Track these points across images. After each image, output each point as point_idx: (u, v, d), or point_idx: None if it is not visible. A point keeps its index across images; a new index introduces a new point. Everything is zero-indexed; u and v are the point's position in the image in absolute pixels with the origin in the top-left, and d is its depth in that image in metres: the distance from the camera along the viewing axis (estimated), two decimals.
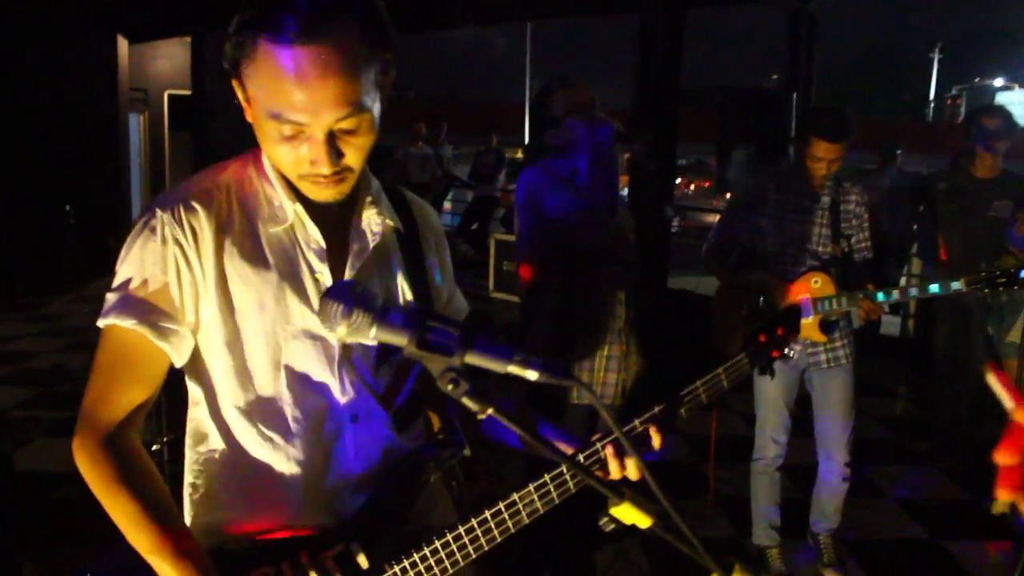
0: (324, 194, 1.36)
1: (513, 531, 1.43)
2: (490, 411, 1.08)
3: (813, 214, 3.54)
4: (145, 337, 1.34)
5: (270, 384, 1.41)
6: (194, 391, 1.47)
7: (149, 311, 1.34)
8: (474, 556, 1.43)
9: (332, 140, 1.28)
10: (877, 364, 6.95)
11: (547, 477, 1.44)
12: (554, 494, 1.44)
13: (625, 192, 7.36)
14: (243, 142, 1.49)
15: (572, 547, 3.23)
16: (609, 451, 1.47)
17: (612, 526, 1.24)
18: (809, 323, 3.47)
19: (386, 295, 1.48)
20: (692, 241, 11.26)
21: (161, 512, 1.33)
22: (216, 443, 1.45)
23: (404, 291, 1.52)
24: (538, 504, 1.43)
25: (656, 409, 1.53)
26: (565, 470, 1.44)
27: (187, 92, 13.55)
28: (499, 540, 1.43)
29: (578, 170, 2.97)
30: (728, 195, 6.23)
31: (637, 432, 1.51)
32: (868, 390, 5.77)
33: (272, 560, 1.37)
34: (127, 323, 1.33)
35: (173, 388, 1.50)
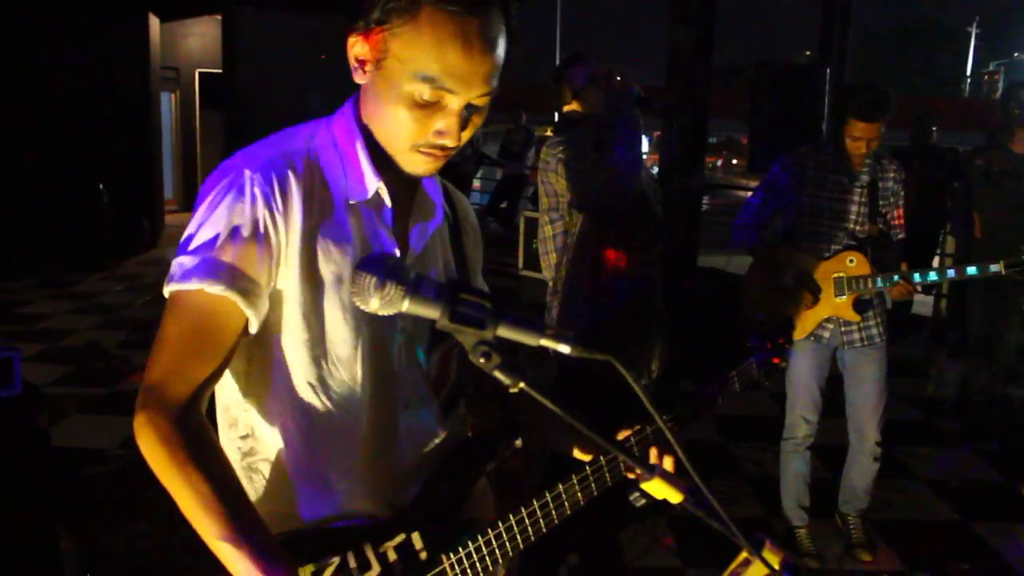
0: (427, 167, 1.34)
1: (556, 523, 1.44)
2: (522, 385, 1.07)
3: (851, 192, 3.49)
4: (233, 304, 1.25)
5: (348, 362, 1.37)
6: (231, 370, 1.37)
7: (237, 276, 1.25)
8: (522, 547, 1.43)
9: (465, 114, 1.28)
10: (909, 344, 6.89)
11: (589, 470, 1.45)
12: (594, 486, 1.46)
13: (655, 170, 7.31)
14: (274, 120, 1.47)
15: (598, 526, 3.23)
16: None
17: (643, 501, 1.23)
18: (843, 302, 3.44)
19: (439, 278, 1.47)
20: (722, 219, 11.19)
21: (235, 497, 1.23)
22: (261, 427, 1.39)
23: (452, 275, 1.52)
24: (580, 496, 1.45)
25: (675, 409, 1.57)
26: (602, 459, 1.44)
27: (218, 71, 13.62)
28: (544, 532, 1.43)
29: (603, 140, 2.96)
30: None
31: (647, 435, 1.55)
32: (899, 370, 5.70)
33: (333, 550, 1.33)
34: (215, 289, 1.24)
35: None
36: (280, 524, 1.34)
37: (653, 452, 1.50)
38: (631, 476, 1.45)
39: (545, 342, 1.08)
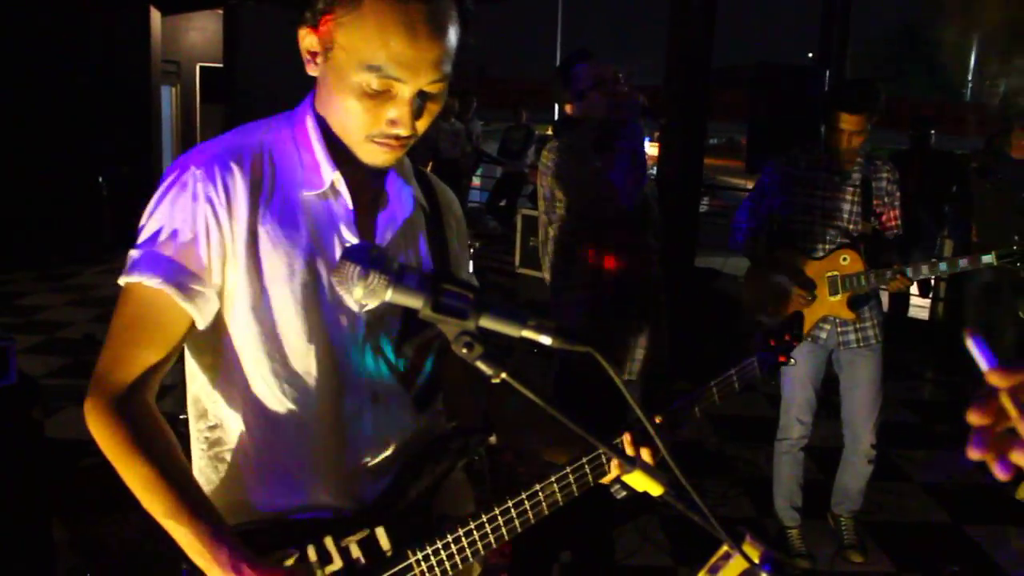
0: (383, 158, 1.34)
1: (533, 522, 1.42)
2: (504, 375, 1.07)
3: (843, 191, 3.50)
4: (170, 297, 1.28)
5: (302, 355, 1.36)
6: (199, 363, 1.41)
7: (176, 270, 1.28)
8: (495, 545, 1.41)
9: (417, 103, 1.28)
10: (905, 348, 6.89)
11: (569, 469, 1.43)
12: (574, 486, 1.43)
13: (654, 170, 7.31)
14: (274, 114, 1.48)
15: (591, 525, 3.24)
16: (627, 437, 1.46)
17: (624, 493, 1.24)
18: (837, 300, 3.44)
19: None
20: (721, 220, 11.19)
21: (177, 476, 1.28)
22: (227, 419, 1.41)
23: (426, 267, 1.49)
24: (558, 496, 1.43)
25: (673, 406, 1.56)
26: (584, 459, 1.43)
27: (219, 65, 13.64)
28: (519, 531, 1.42)
29: (604, 148, 2.95)
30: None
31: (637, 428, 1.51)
32: (896, 374, 5.71)
33: (295, 542, 1.34)
34: (152, 282, 1.28)
35: None
36: (241, 514, 1.37)
37: (637, 446, 1.48)
38: (606, 482, 1.45)
39: (527, 333, 1.09)
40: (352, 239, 1.37)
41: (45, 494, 3.15)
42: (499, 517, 1.41)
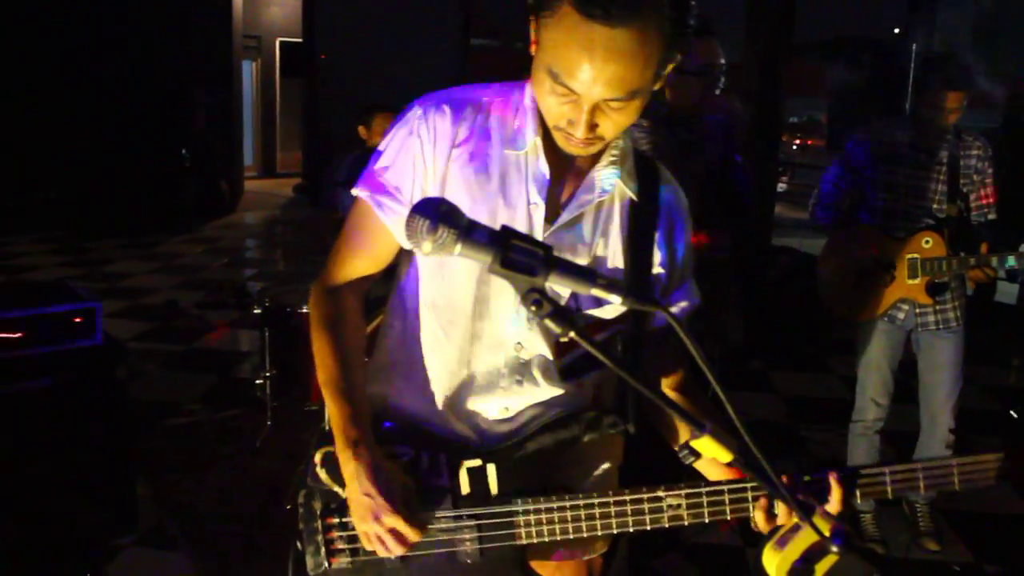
0: (571, 149, 1.39)
1: (648, 528, 1.41)
2: (572, 334, 1.08)
3: (929, 169, 3.38)
4: (374, 211, 1.48)
5: (462, 292, 1.47)
6: (400, 269, 1.59)
7: (380, 189, 1.48)
8: (600, 532, 1.43)
9: (594, 111, 1.30)
10: (991, 332, 6.67)
11: (704, 490, 1.41)
12: (705, 510, 1.41)
13: None
14: (354, 90, 1.53)
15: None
16: (833, 482, 1.36)
17: (692, 459, 1.22)
18: (915, 284, 3.35)
19: (593, 254, 1.48)
20: (798, 200, 10.98)
21: (345, 361, 1.49)
22: (399, 319, 1.57)
23: (615, 258, 1.49)
24: (684, 512, 1.41)
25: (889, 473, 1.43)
26: (726, 488, 1.40)
27: (299, 40, 13.82)
28: (631, 530, 1.42)
29: (688, 143, 2.92)
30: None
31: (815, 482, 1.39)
32: (980, 359, 5.52)
33: (413, 445, 1.48)
34: (364, 195, 1.49)
35: (279, 325, 1.54)
36: (382, 408, 1.56)
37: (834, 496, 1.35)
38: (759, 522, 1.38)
39: (596, 291, 1.09)
40: (538, 201, 1.43)
41: (129, 452, 3.26)
42: (612, 506, 1.42)
